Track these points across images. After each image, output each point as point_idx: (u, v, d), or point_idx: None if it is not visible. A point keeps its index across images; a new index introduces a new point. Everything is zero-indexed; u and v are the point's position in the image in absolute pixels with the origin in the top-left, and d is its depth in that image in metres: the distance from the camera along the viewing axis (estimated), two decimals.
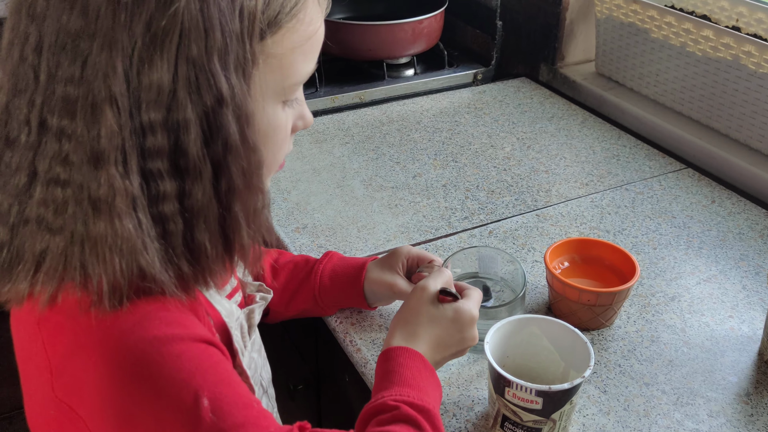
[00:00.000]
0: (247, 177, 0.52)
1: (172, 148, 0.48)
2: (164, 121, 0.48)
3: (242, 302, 0.69)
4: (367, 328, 0.85)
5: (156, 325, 0.50)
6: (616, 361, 0.82)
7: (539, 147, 1.27)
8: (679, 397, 0.78)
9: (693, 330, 0.87)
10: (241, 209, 0.52)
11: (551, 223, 1.06)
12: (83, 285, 0.50)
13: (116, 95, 0.47)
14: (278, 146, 0.59)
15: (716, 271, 0.97)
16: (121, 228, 0.48)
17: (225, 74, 0.49)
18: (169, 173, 0.49)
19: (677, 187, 1.16)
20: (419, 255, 0.83)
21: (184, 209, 0.50)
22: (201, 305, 0.56)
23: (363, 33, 1.42)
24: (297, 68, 0.56)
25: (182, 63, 0.47)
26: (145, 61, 0.47)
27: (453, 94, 1.47)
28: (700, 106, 1.26)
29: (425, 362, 0.66)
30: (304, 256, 0.87)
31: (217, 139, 0.49)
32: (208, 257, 0.52)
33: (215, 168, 0.50)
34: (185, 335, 0.51)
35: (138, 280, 0.49)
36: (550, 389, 0.65)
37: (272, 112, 0.56)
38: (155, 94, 0.47)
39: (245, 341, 0.65)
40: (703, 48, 1.21)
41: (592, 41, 1.49)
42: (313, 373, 1.09)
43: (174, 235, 0.50)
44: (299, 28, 0.54)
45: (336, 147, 1.26)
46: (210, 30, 0.48)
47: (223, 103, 0.49)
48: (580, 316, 0.85)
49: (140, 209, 0.48)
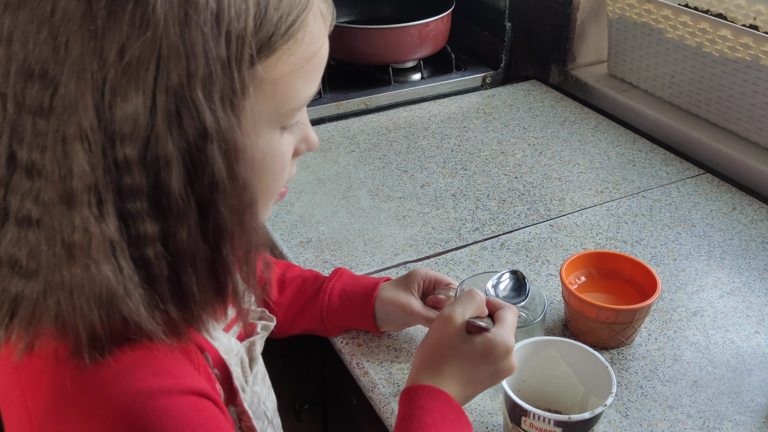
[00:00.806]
0: (238, 216, 0.47)
1: (152, 187, 0.44)
2: (142, 157, 0.43)
3: (242, 332, 0.65)
4: (375, 350, 0.82)
5: (141, 376, 0.46)
6: (638, 383, 0.78)
7: (551, 153, 1.23)
8: (705, 421, 0.74)
9: (717, 347, 0.83)
10: (231, 251, 0.48)
11: (566, 234, 1.02)
12: (61, 334, 0.46)
13: (87, 130, 0.42)
14: (276, 175, 0.54)
15: (740, 283, 0.93)
16: (99, 275, 0.44)
17: (209, 105, 0.44)
18: (150, 214, 0.44)
19: (696, 193, 1.12)
20: (437, 278, 0.79)
21: (169, 252, 0.45)
22: (194, 346, 0.53)
23: (368, 37, 1.39)
24: (296, 92, 0.50)
25: (161, 94, 0.43)
26: (118, 92, 0.43)
27: (461, 98, 1.43)
28: (717, 108, 1.21)
29: (450, 402, 0.61)
30: (313, 273, 0.83)
31: (202, 177, 0.45)
32: (196, 303, 0.48)
33: (201, 208, 0.45)
34: (173, 388, 0.47)
35: (122, 329, 0.46)
36: (570, 419, 0.61)
37: (268, 140, 0.51)
38: (130, 129, 0.43)
39: (246, 376, 0.61)
40: (720, 48, 1.16)
41: (604, 42, 1.45)
42: (319, 392, 1.06)
43: (159, 280, 0.46)
44: (297, 50, 0.48)
45: (341, 156, 1.22)
46: (192, 57, 0.43)
47: (208, 137, 0.44)
48: (599, 335, 0.81)
49: (119, 254, 0.44)
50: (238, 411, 0.58)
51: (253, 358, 0.62)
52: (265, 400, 0.66)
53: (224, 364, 0.57)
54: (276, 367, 0.75)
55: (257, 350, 0.63)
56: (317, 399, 1.07)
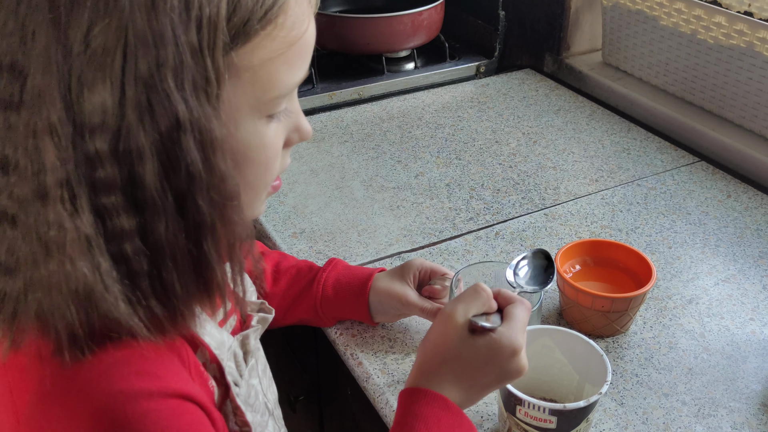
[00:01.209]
0: (219, 210, 0.45)
1: (126, 180, 0.43)
2: (113, 150, 0.42)
3: (238, 325, 0.64)
4: (369, 341, 0.81)
5: (124, 376, 0.45)
6: (633, 371, 0.78)
7: (546, 142, 1.22)
8: (701, 408, 0.74)
9: (712, 335, 0.83)
10: (214, 245, 0.46)
11: (560, 223, 1.02)
12: (42, 331, 0.45)
13: (55, 124, 0.41)
14: (265, 166, 0.51)
15: (735, 270, 0.93)
16: (75, 272, 0.43)
17: (182, 95, 0.42)
18: (126, 208, 0.43)
19: (691, 181, 1.11)
20: (432, 268, 0.79)
21: (148, 247, 0.44)
22: (183, 342, 0.51)
23: (361, 26, 1.38)
24: (279, 79, 0.48)
25: (130, 84, 0.41)
26: (85, 83, 0.41)
27: (455, 87, 1.42)
28: (712, 95, 1.21)
29: (448, 408, 0.57)
30: (307, 263, 0.83)
31: (177, 169, 0.43)
32: (179, 298, 0.46)
33: (179, 201, 0.44)
34: (156, 390, 0.45)
35: (103, 326, 0.44)
36: (565, 408, 0.61)
37: (252, 130, 0.49)
38: (99, 121, 0.41)
39: (241, 370, 0.59)
40: (715, 35, 1.16)
41: (598, 30, 1.44)
42: (314, 383, 1.05)
43: (140, 276, 0.44)
44: (278, 35, 0.46)
45: (334, 146, 1.21)
46: (161, 45, 0.41)
47: (181, 127, 0.42)
48: (594, 323, 0.80)
49: (96, 249, 0.43)
50: (233, 406, 0.57)
51: (247, 351, 0.61)
52: (266, 392, 0.66)
53: (216, 360, 0.56)
54: (271, 359, 0.74)
55: (252, 343, 0.62)
56: (312, 390, 1.07)
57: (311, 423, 1.11)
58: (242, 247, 0.49)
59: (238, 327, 0.63)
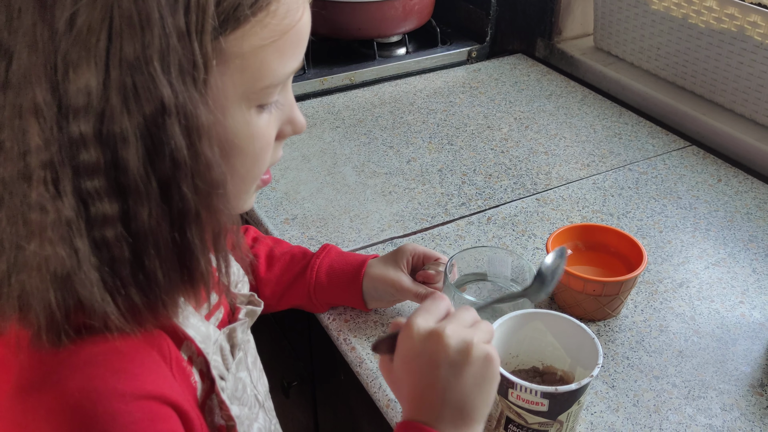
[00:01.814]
0: (203, 198, 0.45)
1: (110, 165, 0.42)
2: (97, 133, 0.41)
3: (225, 318, 0.63)
4: (362, 325, 0.81)
5: (100, 373, 0.44)
6: (624, 354, 0.78)
7: (537, 127, 1.22)
8: (691, 390, 0.74)
9: (703, 318, 0.83)
10: (198, 234, 0.45)
11: (552, 208, 1.02)
12: (23, 318, 0.44)
13: (41, 104, 0.41)
14: (255, 158, 0.50)
15: (725, 254, 0.93)
16: (55, 256, 0.42)
17: (168, 79, 0.41)
18: (109, 193, 0.42)
19: (682, 165, 1.12)
20: (425, 253, 0.79)
21: (130, 234, 0.43)
22: (164, 336, 0.51)
23: (352, 11, 1.37)
24: (270, 69, 0.47)
25: (114, 66, 0.40)
26: (70, 64, 0.40)
27: (447, 73, 1.42)
28: (703, 80, 1.21)
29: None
30: (301, 249, 0.83)
31: (162, 155, 0.42)
32: (161, 288, 0.45)
33: (163, 187, 0.43)
34: (129, 391, 0.45)
35: (79, 314, 0.44)
36: (556, 390, 0.61)
37: (242, 119, 0.48)
38: (84, 103, 0.41)
39: (228, 364, 0.59)
40: (706, 19, 1.16)
41: (590, 14, 1.44)
42: (307, 369, 1.06)
43: (121, 263, 0.44)
44: (270, 22, 0.45)
45: (326, 132, 1.21)
46: (147, 27, 0.40)
47: (166, 112, 0.41)
48: (585, 307, 0.81)
49: (76, 234, 0.42)
50: (218, 400, 0.57)
51: (234, 344, 0.60)
52: (255, 384, 0.65)
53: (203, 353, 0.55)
54: (264, 345, 0.75)
55: (239, 336, 0.61)
56: (305, 376, 1.07)
57: (305, 408, 1.12)
58: (227, 237, 0.48)
59: (226, 320, 0.62)
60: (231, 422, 0.58)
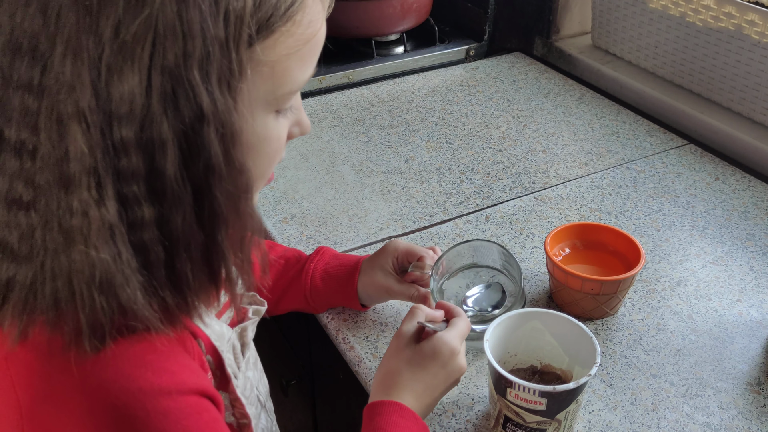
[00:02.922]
0: (234, 202, 0.46)
1: (149, 170, 0.43)
2: (138, 139, 0.42)
3: (234, 318, 0.64)
4: (360, 324, 0.82)
5: (141, 373, 0.45)
6: (622, 352, 0.79)
7: (535, 125, 1.23)
8: (688, 389, 0.75)
9: (700, 316, 0.84)
10: (226, 238, 0.46)
11: (550, 206, 1.02)
12: (55, 323, 0.44)
13: (85, 110, 0.41)
14: (269, 159, 0.52)
15: (722, 252, 0.94)
16: (99, 260, 0.42)
17: (206, 87, 0.42)
18: (146, 198, 0.43)
19: (679, 164, 1.12)
20: (407, 250, 0.78)
21: (164, 237, 0.44)
22: (188, 333, 0.52)
23: (350, 10, 1.37)
24: (292, 75, 0.48)
25: (156, 73, 0.41)
26: (115, 71, 0.41)
27: (445, 71, 1.42)
28: (701, 78, 1.21)
29: (405, 413, 0.62)
30: (295, 252, 0.83)
31: (197, 160, 0.43)
32: (191, 289, 0.46)
33: (196, 192, 0.44)
34: (174, 388, 0.46)
35: (119, 317, 0.44)
36: (554, 389, 0.61)
37: (263, 123, 0.49)
38: (127, 109, 0.41)
39: (239, 362, 0.60)
40: (703, 18, 1.16)
41: (587, 13, 1.44)
42: (306, 368, 1.06)
43: (156, 266, 0.44)
44: (296, 32, 0.47)
45: (324, 131, 1.21)
46: (189, 36, 0.41)
47: (204, 119, 0.42)
48: (583, 306, 0.81)
49: (118, 238, 0.43)
50: (231, 398, 0.57)
51: (245, 343, 0.61)
52: (257, 385, 0.66)
53: (216, 351, 0.56)
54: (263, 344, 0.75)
55: (249, 335, 0.62)
56: (304, 375, 1.07)
57: (303, 407, 1.12)
58: (252, 241, 0.49)
59: (234, 320, 0.63)
60: (244, 420, 0.59)
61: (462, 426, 0.71)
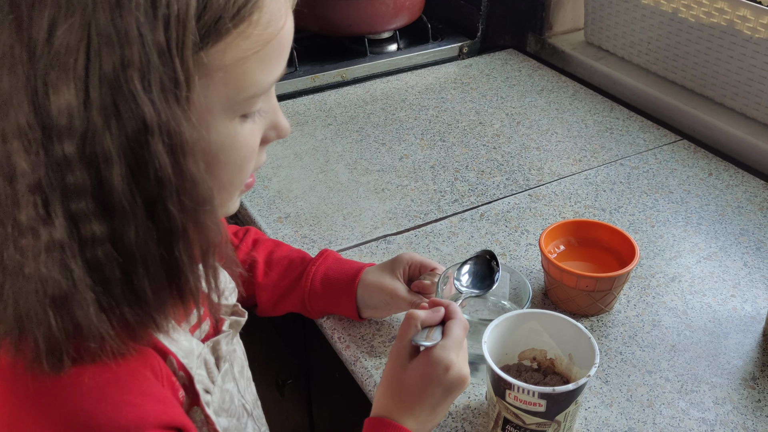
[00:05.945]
0: (191, 214, 0.44)
1: (96, 185, 0.41)
2: (81, 154, 0.40)
3: (211, 329, 0.62)
4: (356, 324, 0.81)
5: (101, 408, 0.44)
6: (617, 349, 0.79)
7: (529, 122, 1.23)
8: (684, 385, 0.75)
9: (695, 312, 0.84)
10: (186, 251, 0.45)
11: (544, 203, 1.02)
12: (17, 345, 0.44)
13: (24, 127, 0.40)
14: (239, 167, 0.49)
15: (716, 248, 0.94)
16: (50, 279, 0.42)
17: (149, 96, 0.40)
18: (96, 214, 0.42)
19: (673, 160, 1.12)
20: (422, 262, 0.77)
21: (119, 253, 0.43)
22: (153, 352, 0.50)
23: (342, 7, 1.36)
24: (253, 79, 0.46)
25: (94, 84, 0.39)
26: (50, 84, 0.39)
27: (438, 68, 1.42)
28: (693, 74, 1.21)
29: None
30: (300, 253, 0.82)
31: (146, 174, 0.41)
32: (150, 305, 0.45)
33: (149, 206, 0.42)
34: (134, 424, 0.44)
35: (76, 335, 0.43)
36: (554, 391, 0.61)
37: (225, 131, 0.46)
38: (66, 123, 0.40)
39: (213, 376, 0.58)
40: (696, 14, 1.16)
41: (580, 9, 1.44)
42: (302, 367, 1.06)
43: (113, 283, 0.43)
44: (252, 33, 0.44)
45: (318, 129, 1.20)
46: (126, 44, 0.39)
47: (149, 130, 0.40)
48: (579, 303, 0.81)
49: (69, 256, 0.42)
50: (204, 415, 0.56)
51: (219, 356, 0.60)
52: (243, 394, 0.65)
53: (184, 369, 0.54)
54: (259, 343, 0.75)
55: (223, 348, 0.60)
56: (300, 374, 1.07)
57: (299, 406, 1.12)
58: (216, 252, 0.48)
59: (212, 332, 0.62)
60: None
61: (459, 425, 0.71)
